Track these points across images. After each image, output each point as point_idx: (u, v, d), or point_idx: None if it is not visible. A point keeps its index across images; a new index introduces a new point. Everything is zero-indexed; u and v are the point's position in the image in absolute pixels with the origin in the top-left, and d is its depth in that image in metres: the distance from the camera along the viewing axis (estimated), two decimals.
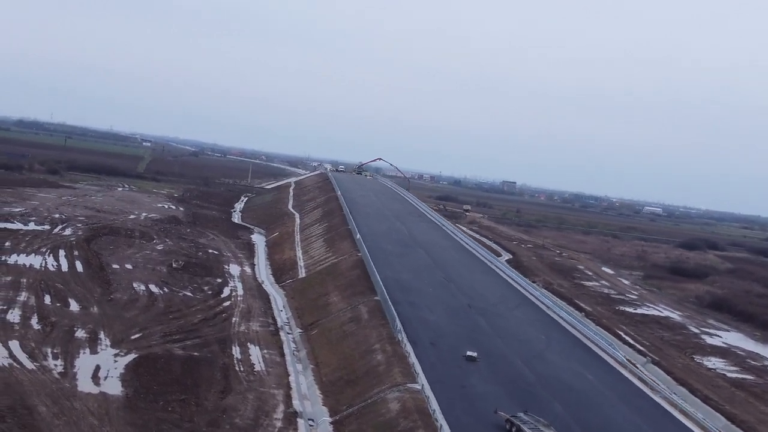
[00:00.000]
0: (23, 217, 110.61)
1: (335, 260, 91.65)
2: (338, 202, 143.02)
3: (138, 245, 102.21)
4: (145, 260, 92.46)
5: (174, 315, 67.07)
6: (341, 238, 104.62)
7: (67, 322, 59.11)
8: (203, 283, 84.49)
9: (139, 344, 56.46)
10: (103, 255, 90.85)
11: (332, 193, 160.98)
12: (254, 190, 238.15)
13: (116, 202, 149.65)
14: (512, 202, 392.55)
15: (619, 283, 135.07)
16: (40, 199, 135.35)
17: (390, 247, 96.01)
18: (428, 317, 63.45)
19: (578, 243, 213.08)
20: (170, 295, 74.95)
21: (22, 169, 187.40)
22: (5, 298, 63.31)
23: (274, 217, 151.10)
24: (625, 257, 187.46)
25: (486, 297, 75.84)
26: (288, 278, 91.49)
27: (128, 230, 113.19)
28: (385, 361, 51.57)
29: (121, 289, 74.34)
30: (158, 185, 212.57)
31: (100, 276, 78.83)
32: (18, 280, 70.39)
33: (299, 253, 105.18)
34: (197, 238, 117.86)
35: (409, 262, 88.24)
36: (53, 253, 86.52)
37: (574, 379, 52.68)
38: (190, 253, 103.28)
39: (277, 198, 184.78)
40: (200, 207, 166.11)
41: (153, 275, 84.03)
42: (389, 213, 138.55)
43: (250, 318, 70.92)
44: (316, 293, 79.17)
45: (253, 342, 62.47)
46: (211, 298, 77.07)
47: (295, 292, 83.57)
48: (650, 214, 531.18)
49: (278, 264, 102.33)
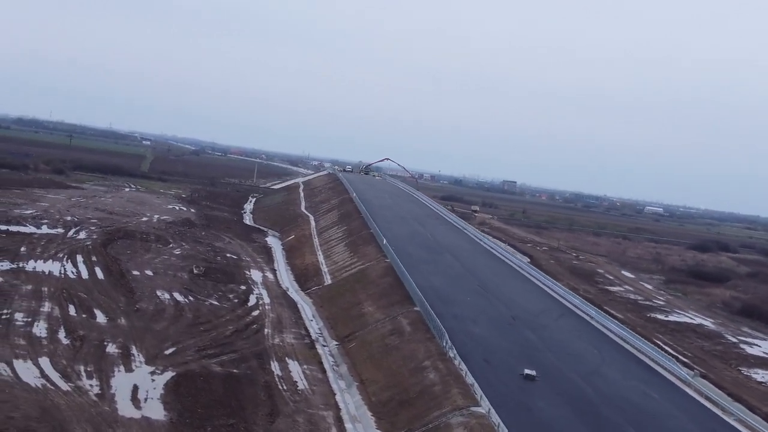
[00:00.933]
0: (35, 219, 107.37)
1: (362, 266, 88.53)
2: (354, 204, 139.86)
3: (155, 250, 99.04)
4: (165, 266, 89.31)
5: (204, 327, 63.93)
6: (364, 243, 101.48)
7: (96, 336, 55.95)
8: (227, 290, 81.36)
9: (175, 360, 53.30)
10: (121, 260, 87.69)
11: (346, 194, 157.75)
12: (261, 191, 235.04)
13: (126, 203, 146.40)
14: (516, 202, 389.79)
15: (643, 287, 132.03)
16: (49, 200, 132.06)
17: (416, 252, 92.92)
18: (473, 330, 60.40)
19: (591, 245, 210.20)
20: (197, 305, 71.82)
21: (27, 168, 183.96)
22: (29, 309, 60.13)
23: (288, 219, 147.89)
24: (641, 260, 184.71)
25: (526, 307, 72.80)
26: (313, 285, 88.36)
27: (143, 233, 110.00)
28: (440, 381, 48.47)
29: (145, 298, 71.17)
30: (165, 185, 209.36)
31: (122, 283, 75.67)
32: (39, 289, 67.24)
33: (321, 258, 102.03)
34: (213, 242, 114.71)
35: (439, 269, 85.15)
36: (71, 259, 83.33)
37: (639, 398, 49.67)
38: (208, 257, 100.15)
39: (288, 199, 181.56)
40: (210, 208, 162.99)
41: (175, 282, 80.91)
42: (407, 215, 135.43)
43: (282, 329, 67.82)
44: (347, 302, 76.05)
45: (291, 356, 59.36)
46: (239, 307, 73.95)
47: (323, 300, 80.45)
48: (652, 214, 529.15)
49: (300, 269, 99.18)
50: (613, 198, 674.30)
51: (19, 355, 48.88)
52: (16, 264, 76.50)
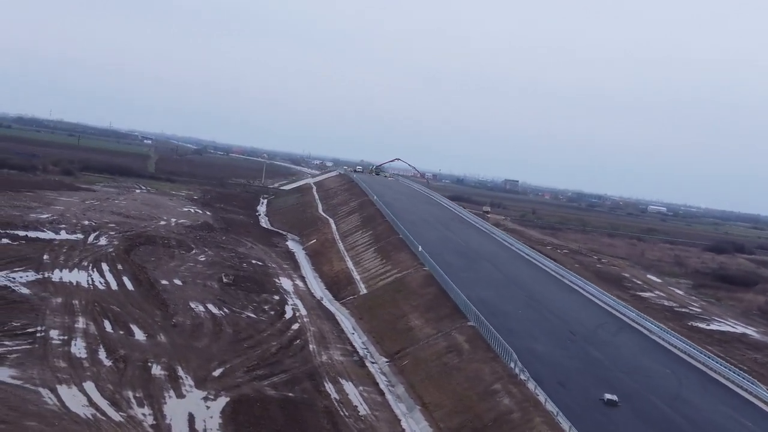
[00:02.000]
0: (53, 224, 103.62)
1: (398, 275, 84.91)
2: (375, 207, 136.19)
3: (179, 256, 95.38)
4: (192, 274, 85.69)
5: (247, 343, 60.32)
6: (395, 249, 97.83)
7: (138, 356, 52.29)
8: (261, 301, 77.76)
9: (226, 383, 49.66)
10: (147, 269, 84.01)
11: (364, 197, 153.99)
12: (271, 192, 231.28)
13: (141, 206, 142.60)
14: (521, 202, 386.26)
15: (674, 293, 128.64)
16: (63, 203, 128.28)
17: (452, 260, 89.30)
18: (536, 347, 56.82)
19: (608, 246, 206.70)
20: (234, 318, 68.20)
21: (35, 169, 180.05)
22: (63, 326, 56.46)
23: (307, 223, 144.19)
24: (662, 263, 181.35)
25: (580, 320, 69.24)
26: (348, 294, 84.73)
27: (164, 239, 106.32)
28: (517, 407, 44.87)
29: (180, 311, 67.52)
30: (173, 186, 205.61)
31: (153, 295, 72.01)
32: (70, 302, 63.56)
33: (351, 265, 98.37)
34: (236, 247, 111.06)
35: (480, 278, 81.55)
36: (97, 268, 79.66)
37: (733, 426, 46.12)
38: (234, 264, 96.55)
39: (303, 201, 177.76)
40: (225, 211, 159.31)
41: (206, 292, 77.30)
42: (432, 219, 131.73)
43: (326, 344, 64.22)
44: (390, 314, 72.42)
45: (344, 376, 55.76)
46: (277, 320, 70.34)
47: (361, 311, 76.83)
48: (657, 213, 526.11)
49: (330, 277, 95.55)
50: (614, 197, 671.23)
51: (62, 379, 45.24)
52: (42, 274, 72.84)
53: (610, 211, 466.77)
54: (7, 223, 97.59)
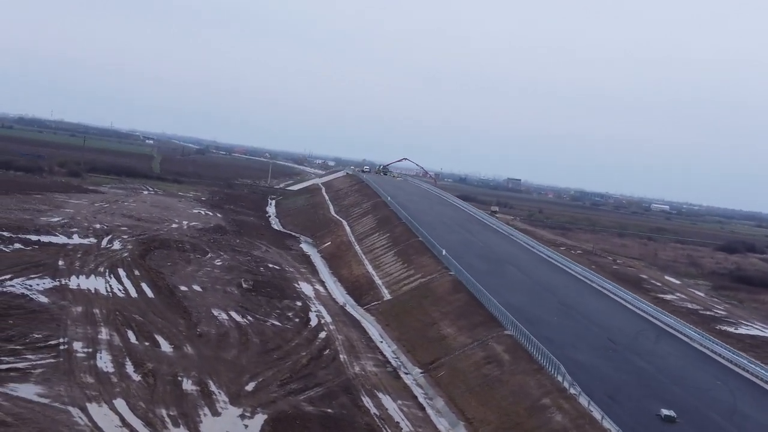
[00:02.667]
0: (64, 228, 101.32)
1: (423, 279, 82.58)
2: (389, 209, 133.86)
3: (195, 261, 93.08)
4: (211, 280, 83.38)
5: (277, 354, 58.01)
6: (416, 253, 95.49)
7: (167, 369, 49.95)
8: (284, 307, 75.45)
9: (261, 399, 47.34)
10: (165, 274, 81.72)
11: (377, 198, 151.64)
12: (279, 192, 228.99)
13: (150, 208, 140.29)
14: (525, 201, 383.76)
15: (695, 295, 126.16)
16: (73, 206, 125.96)
17: (476, 263, 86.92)
18: (578, 358, 54.50)
19: (620, 247, 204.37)
20: (259, 326, 65.89)
21: (42, 171, 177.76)
22: (86, 337, 54.14)
23: (319, 225, 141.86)
24: (677, 263, 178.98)
25: (617, 327, 66.92)
26: (371, 300, 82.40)
27: (177, 242, 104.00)
28: (571, 424, 42.56)
29: (203, 319, 65.18)
30: (180, 187, 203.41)
31: (174, 302, 69.67)
32: (90, 311, 61.26)
33: (371, 269, 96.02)
34: (251, 251, 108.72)
35: (507, 283, 79.18)
36: (113, 274, 77.37)
37: None
38: (252, 269, 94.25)
39: (313, 202, 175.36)
40: (235, 212, 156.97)
41: (227, 299, 74.98)
42: (448, 220, 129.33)
43: (357, 354, 61.92)
44: (419, 321, 70.08)
45: (380, 389, 53.43)
46: (303, 328, 68.00)
47: (387, 317, 74.52)
48: (660, 211, 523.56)
49: (350, 281, 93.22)
50: (615, 195, 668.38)
51: (91, 397, 42.92)
52: (59, 281, 70.54)
53: (614, 210, 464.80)
54: (18, 227, 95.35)
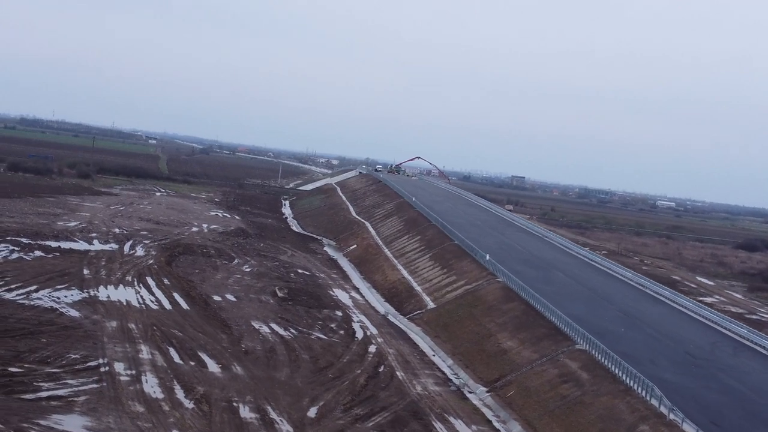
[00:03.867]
0: (83, 233, 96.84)
1: (468, 287, 78.03)
2: (415, 210, 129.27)
3: (223, 267, 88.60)
4: (243, 288, 78.91)
5: (331, 372, 53.50)
6: (455, 257, 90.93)
7: (220, 394, 45.41)
8: (324, 318, 70.95)
9: (327, 427, 42.81)
10: (194, 282, 77.27)
11: (399, 199, 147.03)
12: (291, 192, 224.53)
13: (167, 210, 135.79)
14: (533, 198, 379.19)
15: (734, 297, 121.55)
16: (88, 209, 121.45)
17: (521, 269, 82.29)
18: (664, 376, 49.91)
19: (641, 246, 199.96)
20: (304, 340, 61.40)
21: (51, 173, 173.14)
22: (127, 357, 49.60)
23: (341, 227, 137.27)
24: (703, 263, 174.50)
25: (690, 339, 62.34)
26: (413, 309, 77.83)
27: (202, 247, 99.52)
28: None
29: (245, 333, 60.68)
30: (191, 188, 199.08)
31: (211, 314, 65.17)
32: (126, 326, 56.75)
33: (407, 275, 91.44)
34: (277, 255, 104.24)
35: (561, 291, 74.49)
36: (142, 283, 72.88)
37: None
38: (282, 275, 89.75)
39: (330, 203, 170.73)
40: (252, 214, 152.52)
41: (264, 309, 70.52)
42: (478, 221, 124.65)
43: (413, 371, 57.40)
44: (472, 333, 65.54)
45: (449, 412, 48.88)
46: (350, 341, 63.50)
47: (435, 329, 69.97)
48: (666, 208, 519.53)
49: (386, 288, 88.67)
50: (618, 192, 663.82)
51: (144, 429, 38.36)
52: (87, 292, 66.04)
53: (622, 207, 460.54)
54: (36, 233, 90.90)
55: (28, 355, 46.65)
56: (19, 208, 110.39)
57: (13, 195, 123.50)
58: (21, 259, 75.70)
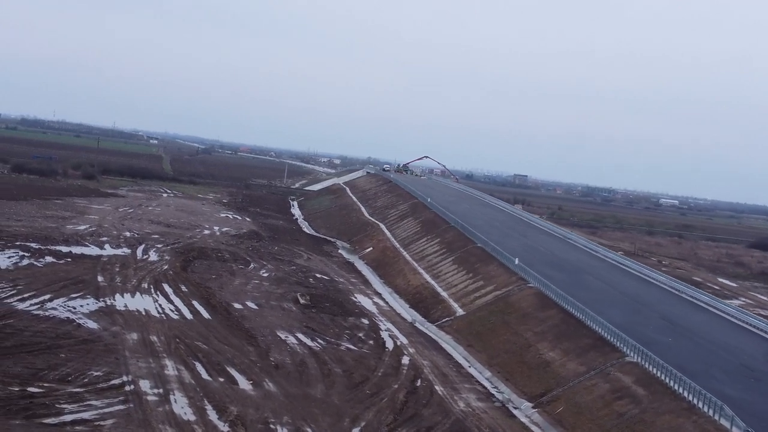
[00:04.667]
0: (94, 237, 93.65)
1: (498, 293, 74.79)
2: (431, 212, 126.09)
3: (239, 272, 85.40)
4: (263, 294, 75.71)
5: (367, 388, 50.29)
6: (480, 261, 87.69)
7: (254, 414, 42.19)
8: (351, 326, 67.76)
9: None
10: (213, 289, 74.04)
11: (413, 199, 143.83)
12: (298, 193, 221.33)
13: (176, 212, 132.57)
14: (538, 197, 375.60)
15: (760, 299, 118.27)
16: (96, 211, 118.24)
17: (550, 273, 78.87)
18: (723, 391, 46.57)
19: (655, 246, 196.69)
20: (334, 351, 58.21)
21: (56, 174, 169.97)
22: (151, 373, 46.36)
23: (355, 228, 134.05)
24: (720, 263, 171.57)
25: (741, 348, 59.03)
26: (441, 316, 74.61)
27: (216, 251, 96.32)
28: None
29: (272, 344, 57.47)
30: (198, 189, 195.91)
31: (233, 324, 61.97)
32: (148, 339, 53.54)
33: (430, 279, 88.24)
34: (293, 259, 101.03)
35: (596, 296, 71.10)
36: (159, 290, 69.70)
37: None
38: (300, 280, 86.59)
39: (341, 204, 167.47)
40: (262, 215, 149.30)
41: (288, 318, 67.28)
42: (496, 223, 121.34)
43: (453, 385, 54.19)
44: (509, 342, 62.31)
45: None
46: (381, 352, 60.32)
47: (467, 337, 66.75)
48: (670, 207, 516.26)
49: (410, 293, 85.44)
50: (619, 190, 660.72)
51: None
52: (103, 301, 62.84)
53: (627, 206, 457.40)
54: (45, 237, 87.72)
55: (48, 373, 43.46)
56: (26, 211, 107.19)
57: (19, 197, 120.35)
58: (32, 266, 72.53)
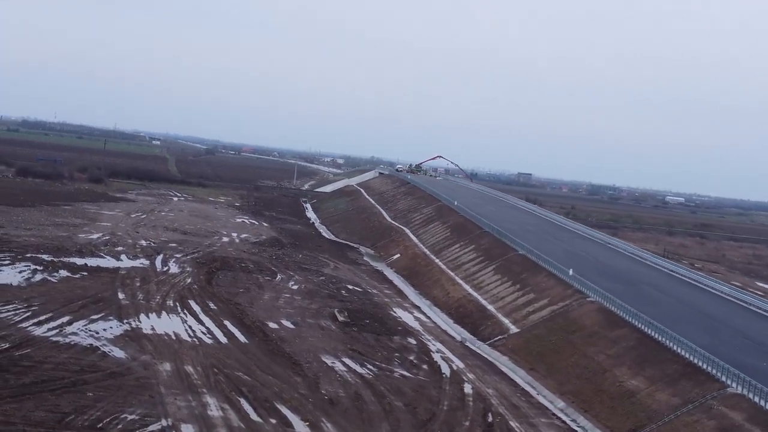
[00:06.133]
0: (108, 247, 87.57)
1: (555, 307, 68.60)
2: (460, 215, 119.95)
3: (267, 285, 79.30)
4: (297, 311, 69.58)
5: (437, 426, 44.11)
6: (525, 271, 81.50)
7: None
8: (399, 347, 61.59)
9: None
10: (242, 306, 67.88)
11: (437, 202, 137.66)
12: (309, 195, 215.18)
13: (190, 218, 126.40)
14: (546, 196, 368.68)
15: None
16: (108, 218, 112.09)
17: (603, 284, 72.43)
18: None
19: (679, 247, 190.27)
20: (388, 380, 52.04)
21: (62, 178, 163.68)
22: (192, 413, 40.17)
23: (377, 233, 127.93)
24: (752, 265, 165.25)
25: None
26: (493, 334, 68.38)
27: (239, 261, 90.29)
28: None
29: (320, 373, 51.25)
30: (207, 191, 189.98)
31: (273, 348, 55.77)
32: (182, 370, 47.31)
33: (471, 291, 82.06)
34: (320, 268, 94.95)
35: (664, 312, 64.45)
36: (186, 308, 63.55)
37: None
38: (332, 293, 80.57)
39: (358, 207, 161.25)
40: (278, 220, 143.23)
41: (330, 339, 61.09)
42: (532, 228, 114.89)
43: (528, 419, 47.99)
44: (579, 366, 56.08)
45: None
46: (439, 379, 54.16)
47: (527, 359, 60.58)
48: (678, 204, 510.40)
49: (452, 307, 79.27)
50: (623, 188, 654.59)
51: None
52: (128, 323, 56.66)
53: (636, 204, 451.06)
54: (58, 248, 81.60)
55: (75, 418, 37.30)
56: (35, 218, 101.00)
57: (26, 203, 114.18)
58: (46, 282, 66.41)
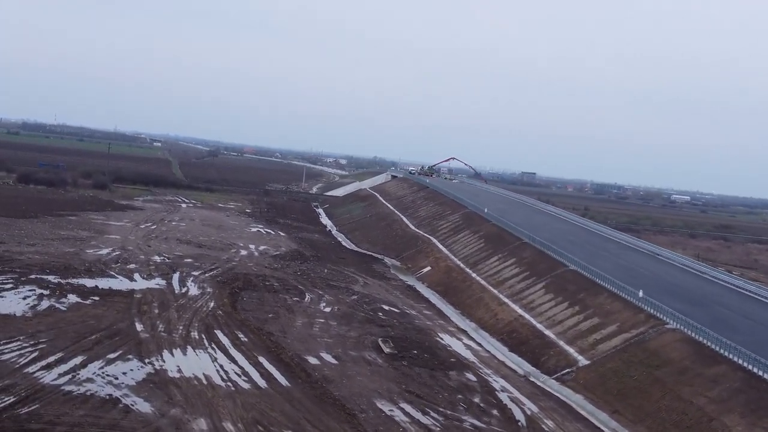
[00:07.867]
0: (120, 264, 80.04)
1: (627, 335, 60.92)
2: (492, 224, 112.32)
3: (297, 308, 71.66)
4: (336, 340, 61.95)
5: None
6: (581, 290, 73.77)
7: None
8: (457, 385, 53.92)
9: None
10: (275, 335, 60.22)
11: (463, 209, 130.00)
12: (320, 199, 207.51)
13: (203, 227, 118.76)
14: (553, 196, 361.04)
15: None
16: (116, 229, 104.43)
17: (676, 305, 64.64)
18: None
19: (706, 251, 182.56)
20: None
21: (66, 184, 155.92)
22: None
23: (402, 243, 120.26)
24: None
25: None
26: (559, 366, 60.59)
27: (262, 278, 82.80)
28: None
29: (380, 427, 43.46)
30: (216, 197, 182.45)
31: (319, 392, 47.99)
32: (220, 427, 39.51)
33: (523, 312, 74.27)
34: (349, 285, 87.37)
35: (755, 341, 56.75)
36: (213, 341, 55.92)
37: None
38: (368, 315, 73.15)
39: (376, 213, 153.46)
40: (293, 228, 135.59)
41: (379, 377, 53.41)
42: (572, 237, 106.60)
43: None
44: (673, 411, 48.35)
45: None
46: (516, 430, 46.38)
47: (606, 398, 52.87)
48: (685, 203, 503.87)
49: (502, 331, 71.48)
50: (626, 186, 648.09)
51: None
52: (150, 363, 48.96)
53: (643, 203, 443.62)
54: (65, 268, 73.98)
55: None
56: (38, 231, 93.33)
57: (29, 214, 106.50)
58: (54, 310, 58.78)
